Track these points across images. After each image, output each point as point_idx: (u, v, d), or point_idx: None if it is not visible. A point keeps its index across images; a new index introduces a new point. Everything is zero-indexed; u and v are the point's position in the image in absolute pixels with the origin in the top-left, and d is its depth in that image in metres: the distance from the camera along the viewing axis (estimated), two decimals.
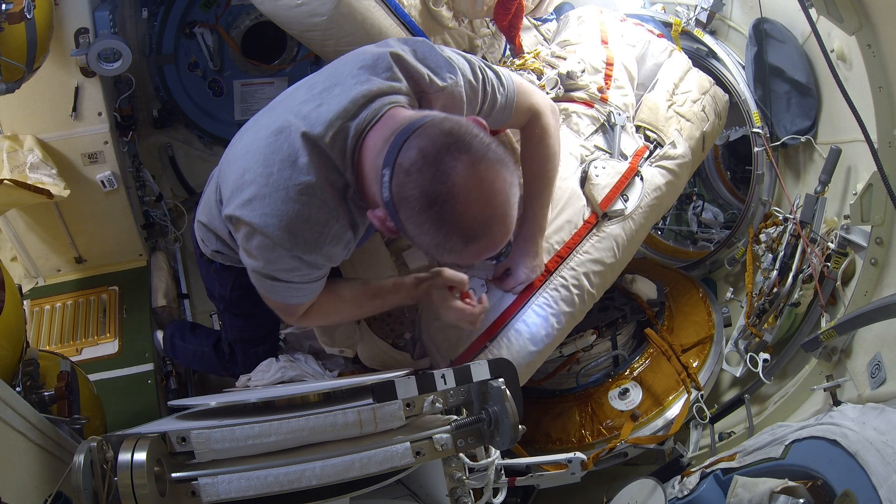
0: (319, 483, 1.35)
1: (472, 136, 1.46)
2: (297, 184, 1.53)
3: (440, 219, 1.43)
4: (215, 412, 1.63)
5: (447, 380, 1.55)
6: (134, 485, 1.20)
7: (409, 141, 1.45)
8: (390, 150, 1.47)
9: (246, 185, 1.59)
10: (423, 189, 1.41)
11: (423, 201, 1.42)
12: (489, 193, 1.44)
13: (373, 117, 1.58)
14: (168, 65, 3.93)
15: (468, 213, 1.43)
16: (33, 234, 3.34)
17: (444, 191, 1.40)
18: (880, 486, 1.40)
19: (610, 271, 2.33)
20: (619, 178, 2.34)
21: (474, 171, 1.42)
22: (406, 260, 2.32)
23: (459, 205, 1.41)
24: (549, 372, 2.81)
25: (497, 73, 1.89)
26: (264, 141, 1.60)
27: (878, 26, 1.85)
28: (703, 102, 2.72)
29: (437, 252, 1.51)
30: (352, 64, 1.70)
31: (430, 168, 1.41)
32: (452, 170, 1.40)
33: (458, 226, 1.44)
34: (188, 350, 2.93)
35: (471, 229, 1.45)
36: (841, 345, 2.08)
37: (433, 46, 1.79)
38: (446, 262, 1.65)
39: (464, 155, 1.42)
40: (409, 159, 1.43)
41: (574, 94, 2.53)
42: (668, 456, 2.59)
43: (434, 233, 1.45)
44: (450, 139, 1.44)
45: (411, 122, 1.50)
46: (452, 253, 1.50)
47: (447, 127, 1.47)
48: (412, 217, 1.45)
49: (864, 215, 2.04)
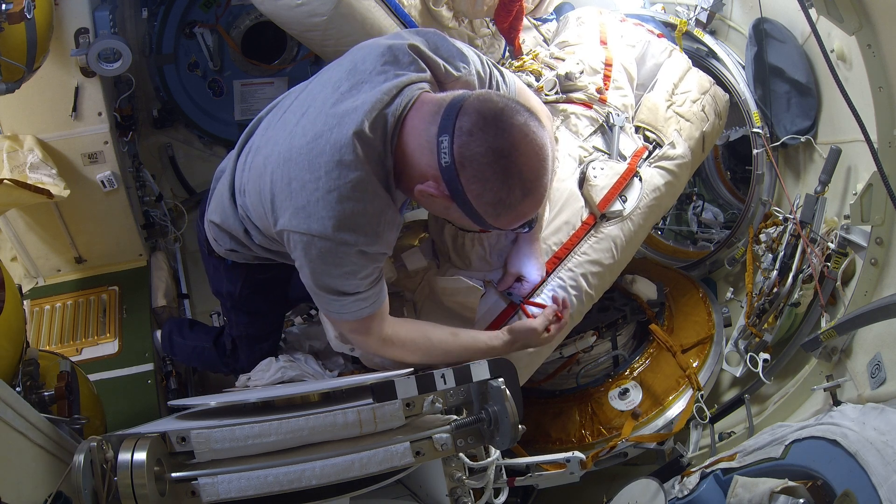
0: (319, 483, 1.35)
1: (516, 103, 1.61)
2: (348, 181, 1.56)
3: (506, 170, 1.54)
4: (215, 412, 1.63)
5: (447, 380, 1.55)
6: (134, 485, 1.20)
7: (465, 108, 1.55)
8: (444, 119, 1.56)
9: (294, 195, 1.60)
10: (490, 144, 1.53)
11: (490, 155, 1.53)
12: (540, 146, 1.58)
13: (407, 102, 1.64)
14: (168, 65, 3.93)
15: (528, 164, 1.56)
16: (33, 234, 3.34)
17: (508, 145, 1.53)
18: (880, 486, 1.40)
19: (608, 272, 2.32)
20: (618, 179, 2.34)
21: (528, 129, 1.56)
22: (405, 260, 2.31)
23: (521, 156, 1.54)
24: (550, 373, 2.81)
25: (501, 72, 1.95)
26: (305, 147, 1.61)
27: (878, 26, 1.85)
28: (702, 102, 2.71)
29: (494, 210, 1.60)
30: (372, 60, 1.71)
31: (491, 127, 1.53)
32: (512, 127, 1.54)
33: (520, 177, 1.56)
34: (187, 347, 2.92)
35: (529, 181, 1.57)
36: (841, 345, 2.08)
37: (444, 36, 1.83)
38: (494, 224, 1.65)
39: (517, 116, 1.56)
40: (469, 122, 1.54)
41: (573, 95, 2.52)
42: (668, 456, 2.58)
43: (499, 186, 1.56)
44: (501, 104, 1.57)
45: (456, 97, 1.61)
46: (509, 209, 1.60)
47: (493, 96, 1.61)
48: (478, 174, 1.54)
49: (864, 215, 2.04)
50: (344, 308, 1.74)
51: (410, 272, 2.30)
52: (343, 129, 1.58)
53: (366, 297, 1.73)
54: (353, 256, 1.63)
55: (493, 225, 1.66)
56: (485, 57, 1.90)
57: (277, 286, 2.29)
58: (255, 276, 2.21)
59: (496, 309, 2.16)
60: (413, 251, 2.32)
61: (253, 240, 1.95)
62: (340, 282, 1.67)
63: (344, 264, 1.63)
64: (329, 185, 1.56)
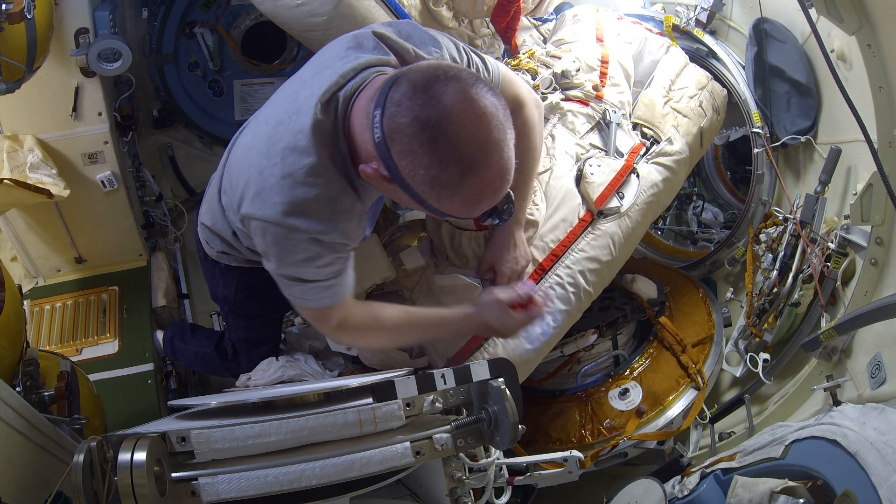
0: (319, 483, 1.35)
1: (461, 69, 1.47)
2: (302, 167, 1.53)
3: (434, 141, 1.37)
4: (215, 412, 1.62)
5: (447, 379, 1.55)
6: (134, 485, 1.20)
7: (399, 78, 1.43)
8: (380, 93, 1.45)
9: (252, 181, 1.60)
10: (415, 114, 1.38)
11: (415, 126, 1.38)
12: (482, 114, 1.39)
13: (360, 84, 1.57)
14: (168, 65, 3.93)
15: (463, 135, 1.37)
16: (33, 234, 3.34)
17: (436, 113, 1.37)
18: (880, 486, 1.40)
19: (607, 269, 2.32)
20: (615, 176, 2.34)
21: (465, 95, 1.39)
22: (403, 259, 2.32)
23: (453, 125, 1.37)
24: (550, 372, 2.81)
25: (483, 58, 1.86)
26: (266, 135, 1.61)
27: (878, 26, 1.85)
28: (700, 98, 2.71)
29: (433, 191, 1.44)
30: (337, 48, 1.70)
31: (420, 95, 1.38)
32: (443, 94, 1.37)
33: (453, 150, 1.38)
34: (189, 351, 2.93)
35: (467, 155, 1.39)
36: (841, 345, 2.08)
37: (418, 26, 1.79)
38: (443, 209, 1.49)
39: (453, 82, 1.40)
40: (399, 91, 1.40)
41: (569, 92, 2.52)
42: (668, 456, 2.59)
43: (429, 162, 1.39)
44: (438, 71, 1.43)
45: (399, 70, 1.50)
46: (449, 189, 1.42)
47: (435, 63, 1.49)
48: (405, 148, 1.40)
49: (864, 215, 2.04)
50: (304, 294, 1.71)
51: (409, 271, 2.30)
52: (300, 116, 1.56)
53: (326, 286, 1.69)
54: (305, 244, 1.59)
55: (442, 211, 1.50)
56: (463, 44, 1.83)
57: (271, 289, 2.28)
58: (249, 279, 2.19)
59: None
60: (411, 250, 2.33)
61: (241, 241, 1.94)
62: (297, 269, 1.64)
63: (297, 251, 1.60)
64: (284, 171, 1.54)
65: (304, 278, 1.67)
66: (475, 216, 1.58)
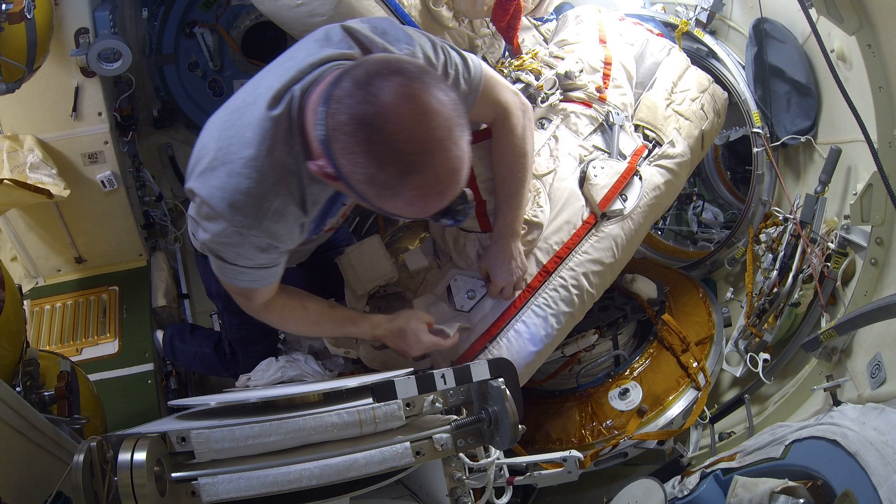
0: (319, 483, 1.35)
1: (408, 62, 1.40)
2: (241, 157, 1.52)
3: (369, 141, 1.32)
4: (215, 412, 1.62)
5: (447, 380, 1.55)
6: (134, 485, 1.20)
7: (344, 74, 1.39)
8: (327, 88, 1.42)
9: (202, 160, 1.59)
10: (353, 111, 1.33)
11: (352, 124, 1.33)
12: (423, 111, 1.32)
13: (316, 78, 1.54)
14: (168, 65, 3.93)
15: (401, 133, 1.31)
16: (33, 234, 3.34)
17: (372, 110, 1.31)
18: (880, 486, 1.40)
19: (609, 271, 2.33)
20: (618, 178, 2.34)
21: (406, 90, 1.32)
22: (406, 261, 2.32)
23: (389, 123, 1.31)
24: (551, 372, 2.81)
25: (464, 58, 1.80)
26: (222, 119, 1.61)
27: (878, 26, 1.85)
28: (701, 101, 2.71)
29: (373, 191, 1.39)
30: (308, 41, 1.69)
31: (359, 91, 1.33)
32: (381, 90, 1.31)
33: (390, 149, 1.32)
34: (188, 352, 2.93)
35: (406, 154, 1.32)
36: (841, 345, 2.08)
37: (394, 22, 1.75)
38: (388, 209, 1.44)
39: (395, 76, 1.34)
40: (340, 89, 1.36)
41: (572, 93, 2.52)
42: (668, 456, 2.58)
43: (366, 161, 1.34)
44: (382, 65, 1.37)
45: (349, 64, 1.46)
46: (390, 190, 1.37)
47: (382, 58, 1.43)
48: (344, 147, 1.36)
49: (864, 215, 2.04)
50: (224, 272, 1.70)
51: (412, 272, 2.30)
52: (253, 107, 1.55)
53: (246, 272, 1.69)
54: (229, 234, 1.57)
55: (387, 210, 1.45)
56: (444, 43, 1.77)
57: None
58: None
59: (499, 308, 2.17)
60: (414, 252, 2.33)
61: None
62: (220, 249, 1.63)
63: (222, 235, 1.59)
64: (225, 158, 1.54)
65: (224, 259, 1.65)
66: (425, 216, 1.52)
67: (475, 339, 2.14)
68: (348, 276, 2.21)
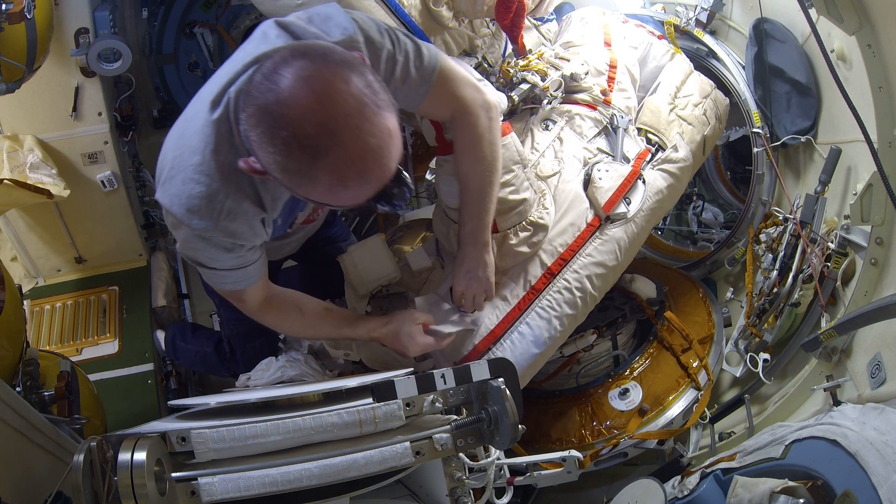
0: (319, 483, 1.35)
1: (317, 46, 1.36)
2: (191, 164, 1.54)
3: (273, 129, 1.29)
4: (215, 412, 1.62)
5: (447, 379, 1.55)
6: (134, 484, 1.20)
7: (259, 67, 1.36)
8: (245, 84, 1.40)
9: (163, 171, 1.61)
10: (258, 103, 1.31)
11: (258, 115, 1.31)
12: (324, 92, 1.27)
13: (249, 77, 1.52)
14: (168, 65, 3.94)
15: (300, 118, 1.27)
16: (33, 234, 3.34)
17: (273, 98, 1.28)
18: (880, 486, 1.40)
19: (612, 273, 2.33)
20: (622, 182, 2.34)
21: (306, 73, 1.28)
22: (409, 260, 2.32)
23: (289, 108, 1.27)
24: (550, 373, 2.81)
25: (418, 46, 1.72)
26: (178, 127, 1.63)
27: (878, 26, 1.85)
28: (704, 106, 2.72)
29: (290, 179, 1.36)
30: (247, 42, 1.68)
31: (264, 82, 1.31)
32: (282, 78, 1.28)
33: (293, 134, 1.28)
34: (190, 351, 2.93)
35: (311, 137, 1.28)
36: (841, 345, 2.08)
37: (339, 8, 1.66)
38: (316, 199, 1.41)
39: (299, 60, 1.30)
40: (253, 83, 1.34)
41: (577, 95, 2.53)
42: (668, 456, 2.58)
43: (275, 150, 1.31)
44: (290, 52, 1.34)
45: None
46: (305, 177, 1.33)
47: (294, 44, 1.40)
48: (256, 139, 1.33)
49: (864, 215, 2.04)
50: (211, 277, 1.73)
51: (414, 272, 2.30)
52: (198, 114, 1.56)
53: (225, 275, 1.70)
54: (193, 239, 1.60)
55: (315, 199, 1.41)
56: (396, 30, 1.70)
57: None
58: None
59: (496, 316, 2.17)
60: (417, 251, 2.33)
61: None
62: (193, 254, 1.66)
63: (190, 241, 1.61)
64: (179, 165, 1.55)
65: (203, 263, 1.68)
66: (357, 203, 1.43)
67: (479, 341, 2.14)
68: (350, 275, 2.20)
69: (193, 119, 1.58)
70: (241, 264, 1.70)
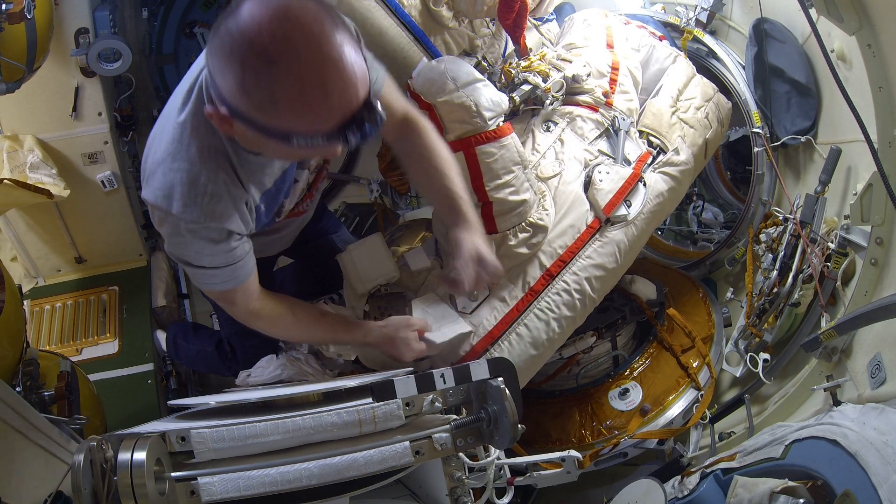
0: (319, 482, 1.35)
1: None
2: (170, 154, 1.56)
3: (231, 48, 1.29)
4: (215, 412, 1.62)
5: (446, 379, 1.55)
6: (134, 484, 1.20)
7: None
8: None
9: (146, 170, 1.64)
10: (220, 35, 1.31)
11: (217, 44, 1.32)
12: (278, 9, 1.27)
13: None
14: (168, 65, 3.93)
15: (257, 32, 1.26)
16: (33, 234, 3.34)
17: (232, 22, 1.29)
18: (880, 486, 1.40)
19: (611, 276, 2.33)
20: (623, 184, 2.34)
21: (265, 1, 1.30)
22: (408, 262, 2.31)
23: (247, 26, 1.27)
24: (550, 374, 2.81)
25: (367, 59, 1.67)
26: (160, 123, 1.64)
27: (878, 26, 1.85)
28: (706, 110, 2.72)
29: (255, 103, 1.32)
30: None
31: (227, 14, 1.32)
32: (243, 7, 1.30)
33: (250, 47, 1.27)
34: (191, 351, 2.93)
35: (265, 46, 1.26)
36: (841, 345, 2.08)
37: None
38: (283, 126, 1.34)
39: None
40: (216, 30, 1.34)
41: (579, 97, 2.52)
42: (668, 456, 2.58)
43: (231, 68, 1.30)
44: None
45: None
46: (265, 91, 1.29)
47: None
48: (217, 69, 1.33)
49: (864, 215, 2.04)
50: (199, 278, 1.73)
51: (413, 272, 2.30)
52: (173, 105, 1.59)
53: (213, 274, 1.70)
54: (180, 231, 1.60)
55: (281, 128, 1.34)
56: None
57: None
58: None
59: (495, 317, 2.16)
60: (416, 251, 2.33)
61: None
62: (181, 252, 1.66)
63: (174, 235, 1.62)
64: (160, 159, 1.57)
65: (191, 262, 1.68)
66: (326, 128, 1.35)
67: (477, 342, 2.14)
68: (349, 274, 2.20)
69: (169, 113, 1.60)
70: (228, 261, 1.69)
